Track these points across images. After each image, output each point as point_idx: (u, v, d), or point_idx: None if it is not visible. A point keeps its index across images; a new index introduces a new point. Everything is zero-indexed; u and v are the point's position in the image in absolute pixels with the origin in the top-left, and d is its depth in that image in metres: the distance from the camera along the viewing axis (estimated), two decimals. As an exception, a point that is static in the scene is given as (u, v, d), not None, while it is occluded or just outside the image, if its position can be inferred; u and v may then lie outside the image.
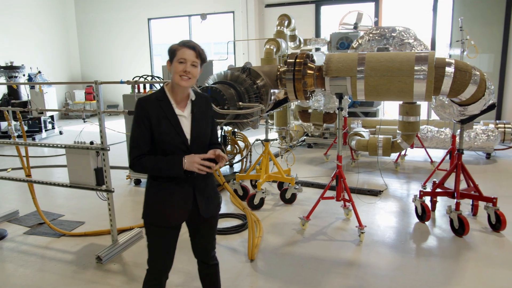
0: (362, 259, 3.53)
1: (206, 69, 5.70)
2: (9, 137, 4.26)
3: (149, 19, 13.28)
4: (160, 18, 13.19)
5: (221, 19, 12.29)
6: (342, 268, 3.38)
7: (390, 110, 9.61)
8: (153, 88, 5.60)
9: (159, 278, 2.30)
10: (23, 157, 4.20)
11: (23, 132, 4.33)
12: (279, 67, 4.47)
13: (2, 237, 4.12)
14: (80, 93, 13.32)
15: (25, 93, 9.60)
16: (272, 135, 8.35)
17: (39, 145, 4.11)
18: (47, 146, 4.01)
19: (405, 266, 3.41)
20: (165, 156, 2.12)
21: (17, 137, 4.39)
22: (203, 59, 2.16)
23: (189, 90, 2.22)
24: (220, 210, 2.45)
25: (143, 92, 5.42)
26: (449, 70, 3.51)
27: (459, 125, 4.10)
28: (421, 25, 9.70)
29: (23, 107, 8.53)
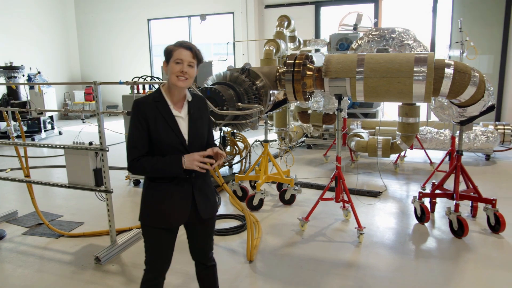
0: (361, 260, 3.53)
1: (206, 70, 5.69)
2: (8, 138, 4.25)
3: (149, 20, 13.29)
4: (160, 19, 13.21)
5: (221, 20, 12.29)
6: (341, 269, 3.38)
7: (390, 111, 9.61)
8: (152, 89, 5.60)
9: (157, 279, 2.30)
10: (22, 158, 4.19)
11: (22, 133, 4.32)
12: (279, 68, 4.47)
13: (1, 238, 4.11)
14: (80, 94, 13.29)
15: (25, 94, 9.60)
16: (272, 136, 8.34)
17: (38, 146, 4.11)
18: (46, 147, 4.00)
19: (404, 268, 3.41)
20: (164, 157, 2.12)
21: (16, 138, 4.39)
22: (200, 60, 2.16)
23: (186, 91, 2.21)
24: (219, 211, 2.45)
25: (142, 93, 5.42)
26: (448, 72, 3.51)
27: (459, 127, 4.10)
28: (421, 26, 9.71)
29: (23, 108, 8.55)
